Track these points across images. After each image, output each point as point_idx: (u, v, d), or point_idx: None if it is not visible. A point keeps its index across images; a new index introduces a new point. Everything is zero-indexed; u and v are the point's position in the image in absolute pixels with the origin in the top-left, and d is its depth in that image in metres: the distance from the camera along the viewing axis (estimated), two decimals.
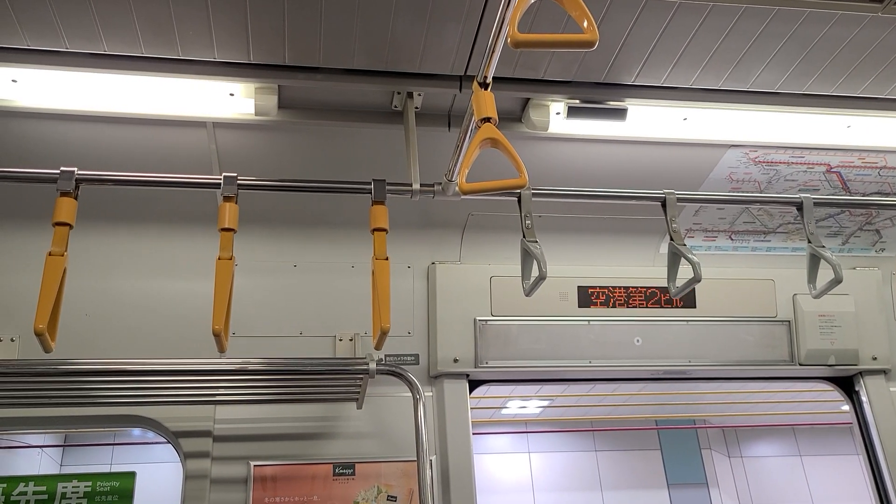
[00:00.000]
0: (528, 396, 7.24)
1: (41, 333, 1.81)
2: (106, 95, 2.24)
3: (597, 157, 2.67)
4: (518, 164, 1.71)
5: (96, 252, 2.64)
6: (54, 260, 1.90)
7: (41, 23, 1.97)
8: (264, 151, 2.53)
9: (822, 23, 2.12)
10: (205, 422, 2.52)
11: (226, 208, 2.03)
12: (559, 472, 8.18)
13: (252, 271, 2.71)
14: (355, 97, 2.40)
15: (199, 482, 2.45)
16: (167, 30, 2.02)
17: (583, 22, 1.46)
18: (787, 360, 2.93)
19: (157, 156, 2.47)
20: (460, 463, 2.59)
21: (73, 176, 1.99)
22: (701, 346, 2.87)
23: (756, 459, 8.61)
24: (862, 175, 2.86)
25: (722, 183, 2.81)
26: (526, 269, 2.15)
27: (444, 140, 2.47)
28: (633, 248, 3.00)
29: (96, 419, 2.57)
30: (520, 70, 2.27)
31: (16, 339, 2.53)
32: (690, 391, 6.76)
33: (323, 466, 2.55)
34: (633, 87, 2.38)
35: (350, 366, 2.37)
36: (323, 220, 2.79)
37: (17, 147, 2.40)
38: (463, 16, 2.03)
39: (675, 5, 2.03)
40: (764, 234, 3.06)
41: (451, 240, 2.88)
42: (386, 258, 2.06)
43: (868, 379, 2.99)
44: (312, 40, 2.10)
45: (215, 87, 2.25)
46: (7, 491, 3.31)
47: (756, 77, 2.35)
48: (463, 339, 2.72)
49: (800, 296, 2.98)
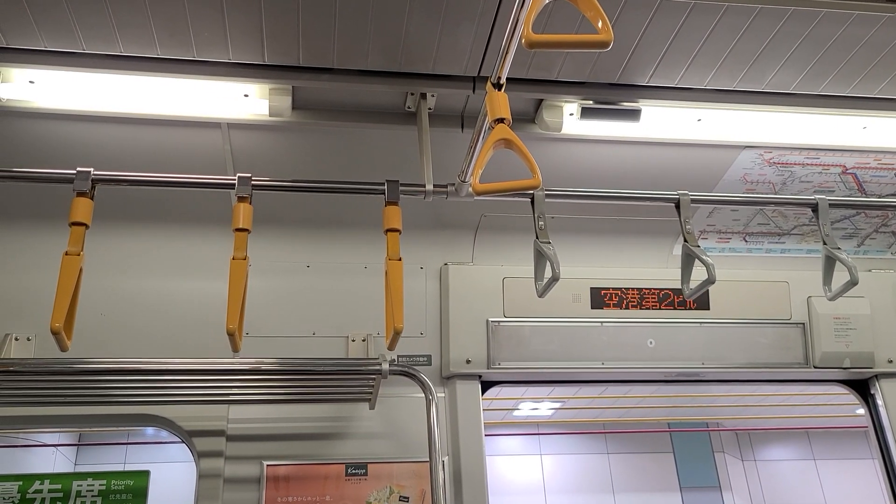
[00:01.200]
0: (540, 398, 7.23)
1: (57, 332, 1.82)
2: (122, 96, 2.26)
3: (610, 158, 2.66)
4: (531, 165, 1.71)
5: (112, 252, 2.66)
6: (70, 259, 1.91)
7: (59, 25, 1.99)
8: (278, 152, 2.54)
9: (838, 23, 2.10)
10: (218, 421, 2.54)
11: (240, 209, 2.04)
12: (571, 474, 8.16)
13: (265, 272, 2.73)
14: (369, 98, 2.41)
15: (213, 481, 2.46)
16: (183, 31, 2.04)
17: (597, 22, 1.45)
18: (801, 363, 2.91)
19: (171, 156, 2.49)
20: (473, 464, 2.59)
21: (89, 176, 2.00)
22: (714, 349, 2.86)
23: (770, 463, 8.56)
24: (878, 177, 2.84)
25: (736, 184, 2.79)
26: (539, 270, 2.15)
27: (458, 141, 2.47)
28: (646, 250, 2.99)
29: (111, 418, 2.59)
30: (533, 71, 2.27)
31: (32, 338, 2.55)
32: (703, 393, 6.73)
33: (335, 466, 2.55)
34: (647, 88, 2.37)
35: (363, 366, 2.38)
36: (336, 221, 2.79)
37: (34, 147, 2.42)
38: (477, 16, 2.03)
39: (690, 5, 2.02)
40: (778, 235, 3.04)
41: (463, 241, 2.88)
42: (399, 258, 2.06)
43: (884, 382, 2.97)
44: (326, 41, 2.11)
45: (230, 88, 2.26)
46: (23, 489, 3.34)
47: (771, 77, 2.34)
48: (475, 340, 2.72)
49: (814, 298, 2.96)
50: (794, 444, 8.56)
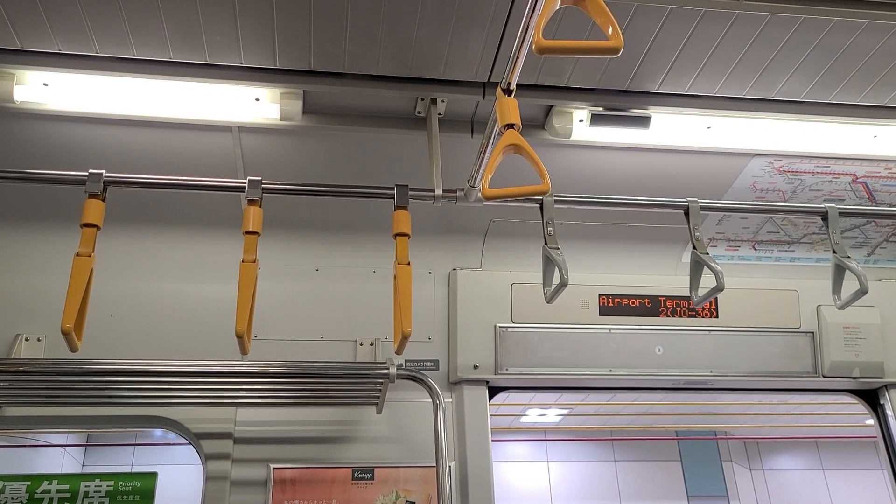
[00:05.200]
0: (547, 405, 7.22)
1: (68, 333, 1.83)
2: (134, 99, 2.27)
3: (620, 164, 2.66)
4: (541, 171, 1.72)
5: (122, 254, 2.68)
6: (82, 260, 1.92)
7: (73, 27, 2.01)
8: (289, 156, 2.55)
9: (850, 31, 2.10)
10: (226, 424, 2.54)
11: (250, 212, 2.05)
12: (578, 481, 8.13)
13: (274, 275, 2.73)
14: (379, 103, 2.42)
15: (220, 484, 2.47)
16: (195, 35, 2.05)
17: (608, 28, 1.46)
18: (810, 372, 2.89)
19: (183, 159, 2.50)
20: (479, 470, 2.59)
21: (101, 178, 2.02)
22: (723, 357, 2.85)
23: (778, 473, 8.51)
24: (888, 185, 2.82)
25: (746, 192, 2.79)
26: (547, 276, 2.15)
27: (467, 146, 2.47)
28: (655, 257, 2.98)
29: (119, 419, 2.60)
30: (543, 77, 2.28)
31: (42, 338, 2.56)
32: (712, 402, 6.70)
33: (342, 470, 2.55)
34: (657, 95, 2.37)
35: (370, 370, 2.38)
36: (345, 225, 2.80)
37: (47, 149, 2.44)
38: (487, 22, 2.04)
39: (701, 13, 2.02)
40: (788, 244, 3.03)
41: (472, 246, 2.88)
42: (408, 263, 2.06)
43: (893, 392, 2.95)
44: (338, 46, 2.12)
45: (241, 92, 2.27)
46: (31, 489, 3.35)
47: (782, 86, 2.33)
48: (483, 345, 2.72)
49: (824, 307, 2.94)
50: (802, 454, 8.51)
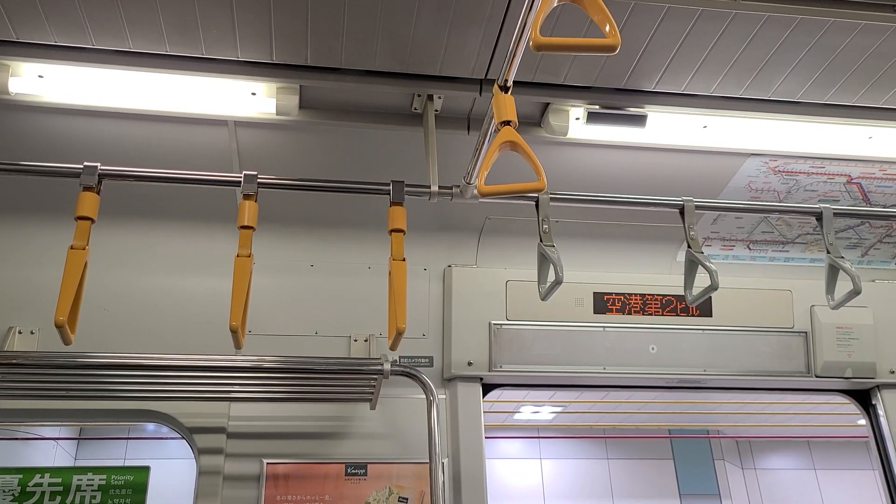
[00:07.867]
0: (541, 402, 7.23)
1: (61, 326, 1.83)
2: (130, 92, 2.26)
3: (615, 163, 2.67)
4: (537, 168, 1.72)
5: (117, 247, 2.67)
6: (76, 253, 1.92)
7: (68, 20, 2.00)
8: (284, 151, 2.55)
9: (846, 32, 2.11)
10: (219, 418, 2.54)
11: (245, 206, 2.04)
12: (571, 479, 8.15)
13: (269, 270, 2.73)
14: (375, 99, 2.42)
15: (213, 478, 2.47)
16: (192, 29, 2.05)
17: (605, 26, 1.46)
18: (803, 372, 2.90)
19: (178, 153, 2.49)
20: (472, 466, 2.59)
21: (96, 171, 2.01)
22: (716, 356, 2.86)
23: (770, 472, 8.54)
24: (883, 187, 2.83)
25: (741, 192, 2.79)
26: (542, 273, 2.15)
27: (463, 143, 2.47)
28: (650, 255, 2.99)
29: (112, 413, 2.59)
30: (540, 74, 2.28)
31: (35, 331, 2.56)
32: (705, 401, 6.73)
33: (335, 466, 2.55)
34: (654, 94, 2.38)
35: (364, 366, 2.38)
36: (341, 221, 2.80)
37: (41, 142, 2.43)
38: (485, 19, 2.03)
39: (698, 12, 2.03)
40: (782, 244, 3.04)
41: (467, 243, 2.88)
42: (403, 259, 2.06)
43: (885, 393, 2.96)
44: (334, 41, 2.11)
45: (237, 87, 2.27)
46: (23, 482, 3.34)
47: (777, 86, 2.34)
48: (477, 342, 2.72)
49: (817, 307, 2.96)
50: (794, 453, 8.55)
